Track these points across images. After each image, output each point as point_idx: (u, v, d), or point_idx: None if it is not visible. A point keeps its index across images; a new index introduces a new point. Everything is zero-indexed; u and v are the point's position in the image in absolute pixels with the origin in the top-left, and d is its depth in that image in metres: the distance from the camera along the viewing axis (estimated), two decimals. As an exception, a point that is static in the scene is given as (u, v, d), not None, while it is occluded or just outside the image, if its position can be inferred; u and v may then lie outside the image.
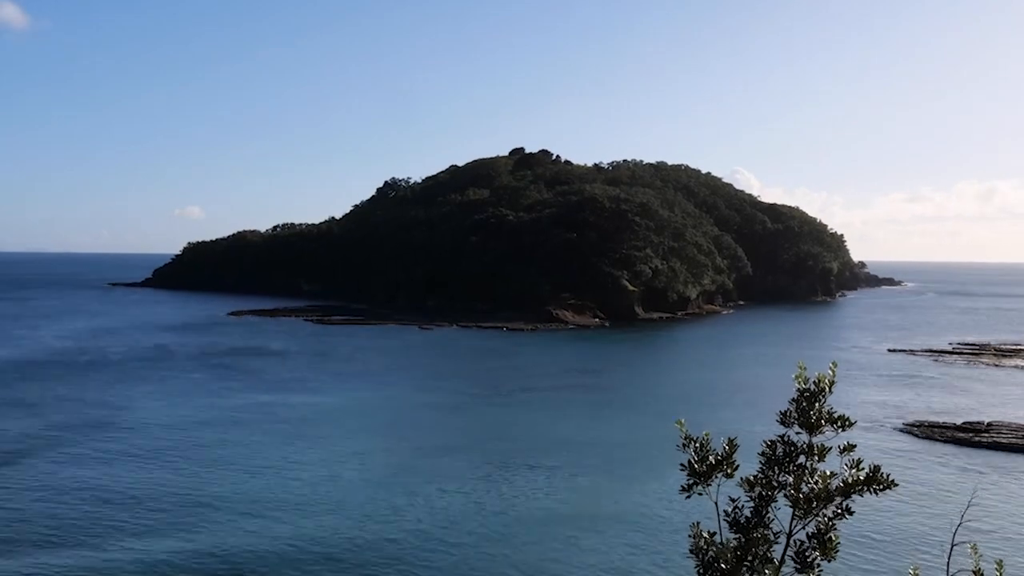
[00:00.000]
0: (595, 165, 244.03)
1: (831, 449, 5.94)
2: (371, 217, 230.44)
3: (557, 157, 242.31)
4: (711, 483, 5.96)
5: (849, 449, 5.95)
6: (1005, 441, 61.63)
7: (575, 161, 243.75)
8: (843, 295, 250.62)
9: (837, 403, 6.03)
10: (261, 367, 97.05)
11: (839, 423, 5.96)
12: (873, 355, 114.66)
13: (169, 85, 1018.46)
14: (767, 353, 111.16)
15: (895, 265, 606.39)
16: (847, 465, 5.86)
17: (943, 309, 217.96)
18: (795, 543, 5.77)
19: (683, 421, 6.08)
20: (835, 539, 5.74)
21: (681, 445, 6.06)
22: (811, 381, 6.01)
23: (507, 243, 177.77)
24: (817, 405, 5.97)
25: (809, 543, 5.73)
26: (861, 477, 5.79)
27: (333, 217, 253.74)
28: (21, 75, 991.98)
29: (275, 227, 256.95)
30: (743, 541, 5.81)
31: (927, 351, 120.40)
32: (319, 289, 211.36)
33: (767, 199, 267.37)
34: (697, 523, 5.93)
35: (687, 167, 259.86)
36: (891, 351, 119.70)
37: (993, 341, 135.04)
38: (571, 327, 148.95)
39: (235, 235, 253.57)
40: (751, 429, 49.21)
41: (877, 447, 57.70)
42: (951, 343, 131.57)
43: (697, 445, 6.06)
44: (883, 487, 5.79)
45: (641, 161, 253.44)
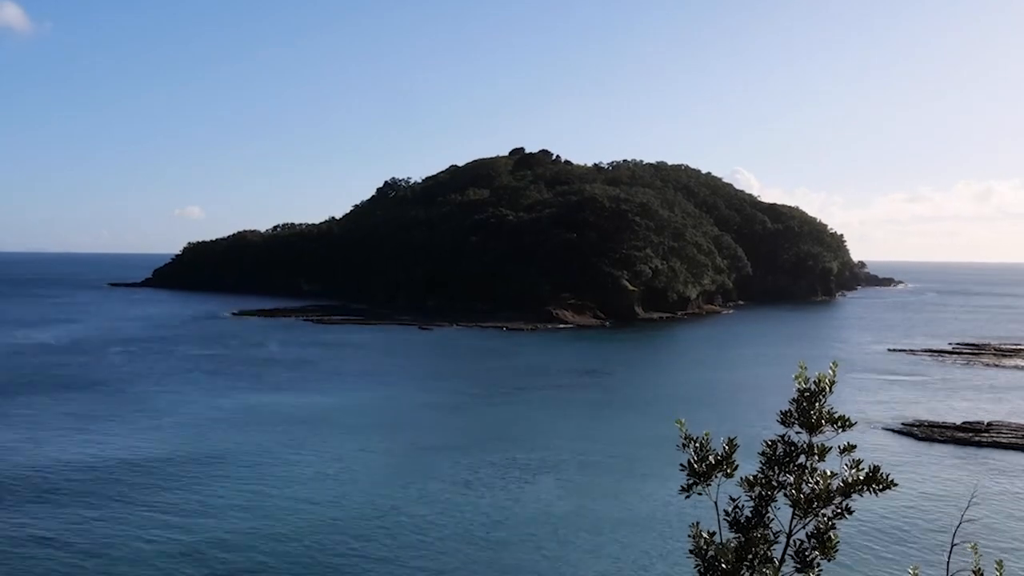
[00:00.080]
0: (595, 165, 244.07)
1: (831, 449, 5.94)
2: (371, 217, 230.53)
3: (557, 157, 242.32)
4: (711, 483, 5.96)
5: (849, 449, 5.95)
6: (1005, 441, 61.68)
7: (575, 161, 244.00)
8: (843, 295, 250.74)
9: (837, 403, 6.03)
10: (261, 367, 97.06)
11: (839, 423, 5.96)
12: (873, 355, 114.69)
13: (169, 85, 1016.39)
14: (767, 353, 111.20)
15: (894, 265, 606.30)
16: (847, 465, 5.86)
17: (943, 309, 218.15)
18: (795, 543, 5.77)
19: (683, 421, 6.08)
20: (835, 539, 5.74)
21: (681, 445, 6.06)
22: (811, 381, 6.01)
23: (507, 243, 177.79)
24: (817, 405, 5.97)
25: (809, 543, 5.73)
26: (861, 477, 5.79)
27: (333, 217, 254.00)
28: (22, 76, 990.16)
29: (275, 227, 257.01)
30: (743, 541, 5.81)
31: (927, 351, 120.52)
32: (319, 289, 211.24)
33: (767, 199, 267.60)
34: (697, 523, 5.93)
35: (687, 167, 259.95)
36: (891, 351, 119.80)
37: (993, 341, 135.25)
38: (571, 327, 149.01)
39: (235, 235, 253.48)
40: (751, 429, 49.23)
41: (877, 447, 57.67)
42: (951, 343, 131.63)
43: (697, 445, 6.05)
44: (883, 487, 5.79)
45: (641, 161, 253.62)
